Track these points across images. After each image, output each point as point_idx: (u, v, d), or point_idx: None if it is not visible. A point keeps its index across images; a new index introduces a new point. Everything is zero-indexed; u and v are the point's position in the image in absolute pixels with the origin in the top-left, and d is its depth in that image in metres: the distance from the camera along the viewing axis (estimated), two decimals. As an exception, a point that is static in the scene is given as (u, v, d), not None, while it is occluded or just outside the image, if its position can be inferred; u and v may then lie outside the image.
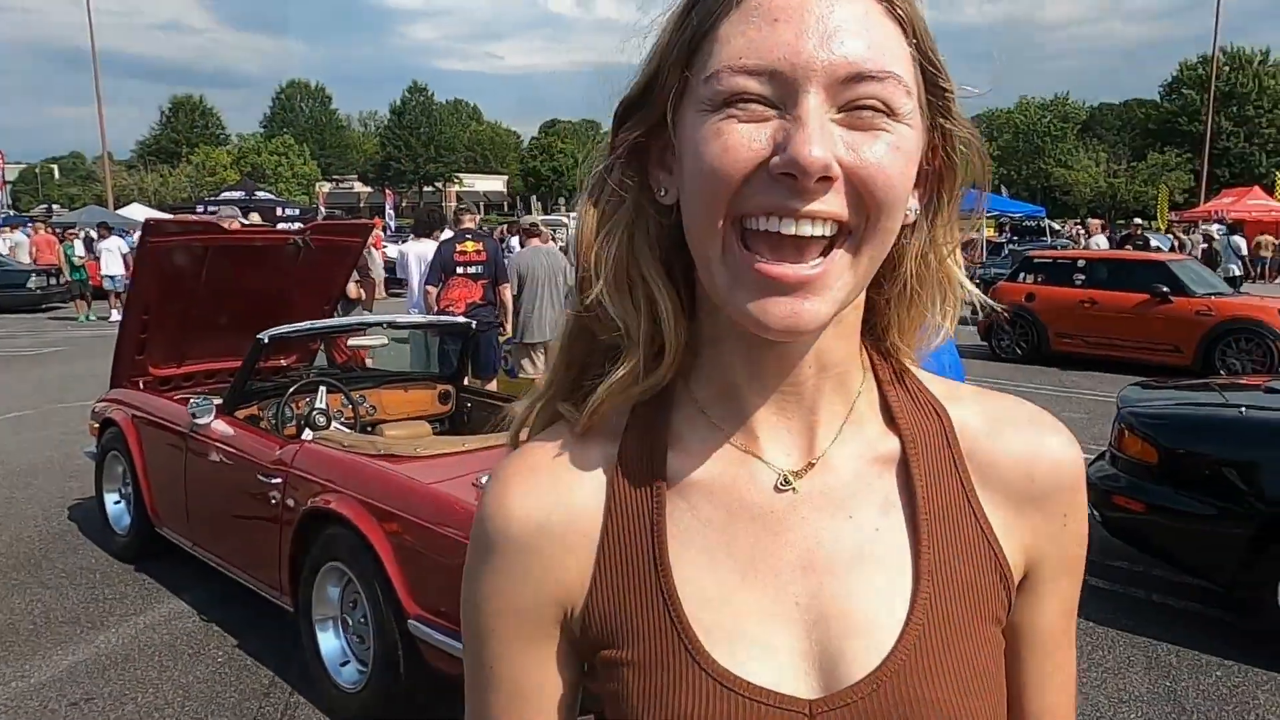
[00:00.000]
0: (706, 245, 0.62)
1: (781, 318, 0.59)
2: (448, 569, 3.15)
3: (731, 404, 0.69)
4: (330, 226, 6.10)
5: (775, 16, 0.58)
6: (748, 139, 0.58)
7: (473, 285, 7.31)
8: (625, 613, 0.66)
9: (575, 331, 0.72)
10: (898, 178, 0.59)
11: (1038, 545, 0.70)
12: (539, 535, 0.68)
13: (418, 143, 73.41)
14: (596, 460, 0.70)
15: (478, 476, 3.35)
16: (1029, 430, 0.71)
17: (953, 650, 0.64)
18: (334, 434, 4.05)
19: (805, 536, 0.67)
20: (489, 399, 5.49)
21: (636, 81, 0.66)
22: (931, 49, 0.63)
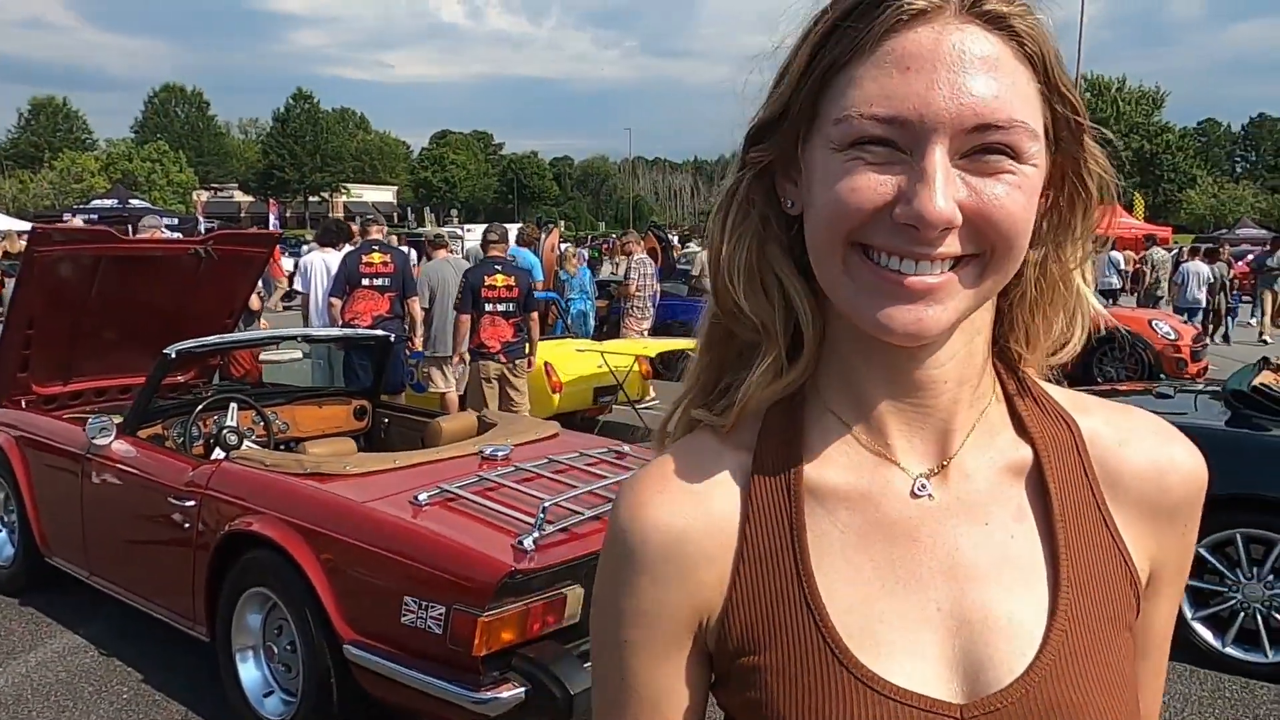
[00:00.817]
0: (829, 261, 0.64)
1: (906, 324, 0.61)
2: (385, 591, 3.03)
3: (864, 410, 0.70)
4: (235, 236, 5.84)
5: (907, 65, 0.59)
6: (875, 183, 0.60)
7: (379, 298, 7.12)
8: (767, 619, 0.67)
9: (713, 333, 0.74)
10: (1019, 215, 0.61)
11: (1161, 552, 0.72)
12: (679, 544, 0.68)
13: (303, 151, 71.30)
14: (733, 467, 0.71)
15: (415, 494, 3.25)
16: (1158, 441, 0.73)
17: (1094, 655, 0.65)
18: (253, 453, 3.86)
19: (944, 542, 0.68)
20: (409, 414, 5.35)
21: (769, 108, 0.67)
22: (1063, 83, 0.64)
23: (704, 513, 0.69)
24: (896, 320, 0.61)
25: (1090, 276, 0.72)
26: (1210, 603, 4.14)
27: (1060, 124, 0.65)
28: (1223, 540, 4.09)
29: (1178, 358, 10.72)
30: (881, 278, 0.61)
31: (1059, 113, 0.64)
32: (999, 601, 0.66)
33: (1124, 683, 0.67)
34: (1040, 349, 0.73)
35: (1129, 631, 0.69)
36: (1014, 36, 0.61)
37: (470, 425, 4.41)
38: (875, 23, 0.60)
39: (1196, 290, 15.38)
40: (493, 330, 6.76)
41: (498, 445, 3.82)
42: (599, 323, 12.02)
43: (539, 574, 2.88)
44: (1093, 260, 0.73)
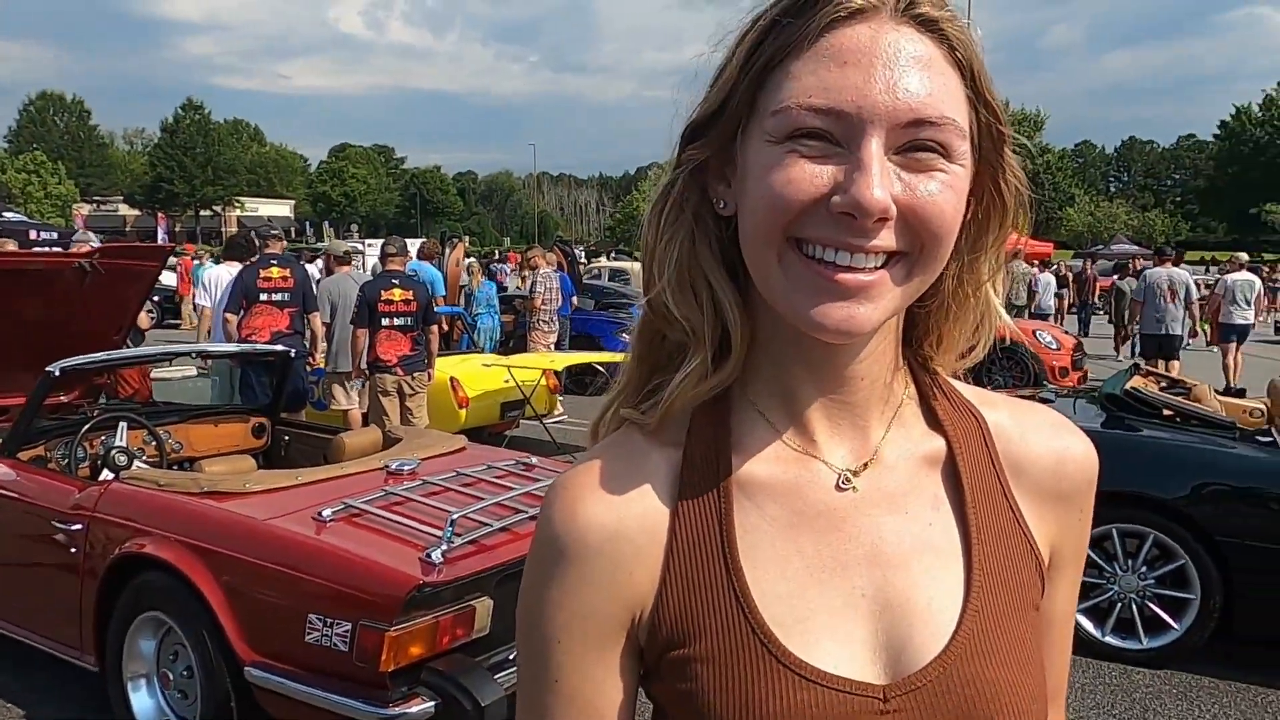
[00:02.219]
0: (764, 257, 0.65)
1: (838, 320, 0.63)
2: (288, 610, 2.97)
3: (789, 407, 0.72)
4: (123, 250, 5.62)
5: (845, 59, 0.61)
6: (811, 174, 0.62)
7: (278, 313, 6.92)
8: (697, 612, 0.68)
9: (645, 334, 0.75)
10: (950, 213, 0.64)
11: (1059, 535, 0.77)
12: (612, 542, 0.69)
13: (193, 164, 68.64)
14: (662, 465, 0.72)
15: (318, 510, 3.19)
16: (1055, 432, 0.78)
17: (1005, 634, 0.69)
18: (145, 473, 3.71)
19: (867, 531, 0.71)
20: (310, 431, 5.22)
21: (706, 105, 0.68)
22: (988, 91, 0.67)
23: (635, 510, 0.70)
24: (830, 317, 0.63)
25: (1000, 288, 0.75)
26: (1090, 595, 4.38)
27: (984, 132, 0.67)
28: (1100, 535, 4.34)
29: (1059, 366, 11.31)
30: (816, 273, 0.63)
31: (984, 120, 0.66)
32: (919, 586, 0.69)
33: (1032, 658, 0.71)
34: (950, 353, 0.77)
35: (1035, 610, 0.73)
36: (945, 40, 0.64)
37: (375, 440, 4.34)
38: (813, 19, 0.62)
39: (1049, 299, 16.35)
40: (389, 345, 6.71)
41: (404, 459, 3.78)
42: (505, 337, 11.95)
43: (447, 587, 2.86)
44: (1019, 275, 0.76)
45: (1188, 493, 4.18)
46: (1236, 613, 4.12)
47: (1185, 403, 4.72)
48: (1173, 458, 4.34)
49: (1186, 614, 4.19)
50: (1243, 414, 5.16)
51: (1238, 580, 4.09)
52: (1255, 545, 4.06)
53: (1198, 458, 4.29)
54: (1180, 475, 4.24)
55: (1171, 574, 4.22)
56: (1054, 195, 72.32)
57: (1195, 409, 4.60)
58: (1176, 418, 4.53)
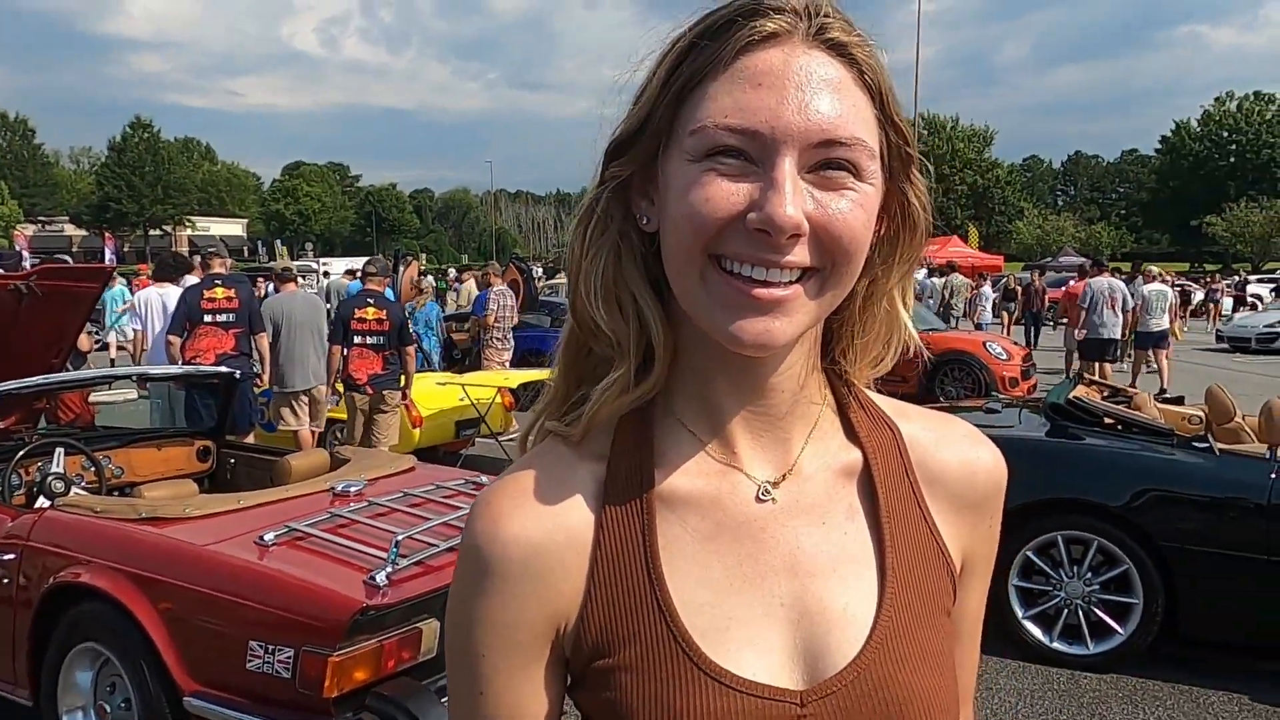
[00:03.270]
0: (685, 272, 0.67)
1: (756, 334, 0.65)
2: (228, 637, 2.90)
3: (711, 419, 0.74)
4: (61, 270, 5.49)
5: (759, 81, 0.64)
6: (728, 191, 0.64)
7: (223, 334, 6.81)
8: (621, 622, 0.70)
9: (571, 347, 0.76)
10: (860, 230, 0.66)
11: (971, 542, 0.80)
12: (536, 556, 0.70)
13: (142, 183, 67.37)
14: (586, 478, 0.74)
15: (260, 535, 3.13)
16: (967, 443, 0.81)
17: (917, 638, 0.72)
18: (81, 499, 3.62)
19: (786, 541, 0.73)
20: (255, 453, 5.13)
21: (627, 123, 0.70)
22: (897, 114, 0.69)
23: (560, 524, 0.71)
24: (747, 331, 0.65)
25: (909, 302, 0.78)
26: (1038, 601, 4.45)
27: (893, 152, 0.70)
28: (1046, 543, 4.42)
29: (1009, 376, 11.51)
30: (734, 289, 0.65)
31: (893, 141, 0.69)
32: (835, 594, 0.72)
33: (945, 662, 0.73)
34: (862, 364, 0.79)
35: (947, 615, 0.76)
36: (854, 64, 0.66)
37: (322, 462, 4.28)
38: (730, 41, 0.65)
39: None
40: (360, 363, 6.81)
41: (350, 481, 3.73)
42: (461, 355, 11.87)
43: (393, 609, 2.82)
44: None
45: (1129, 499, 4.27)
46: (1180, 616, 4.21)
47: (1126, 411, 4.83)
48: (1114, 465, 4.44)
49: (1131, 619, 4.27)
50: (1182, 421, 5.29)
51: (1180, 584, 4.18)
52: (1195, 549, 4.15)
53: (1138, 465, 4.39)
54: (1121, 482, 4.33)
55: (1115, 579, 4.30)
56: (1003, 209, 73.91)
57: (1135, 417, 4.70)
58: (1118, 426, 4.63)
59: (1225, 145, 69.36)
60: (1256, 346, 18.86)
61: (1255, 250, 54.14)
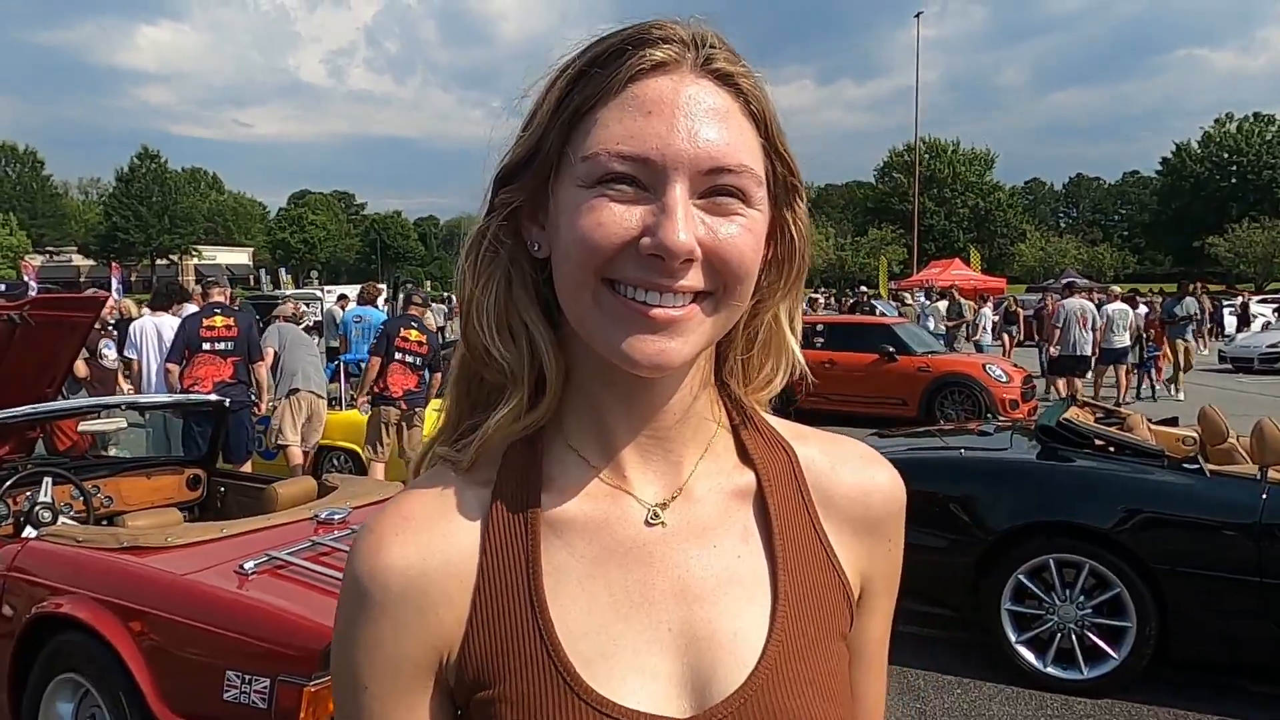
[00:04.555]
0: (578, 296, 0.67)
1: (651, 354, 0.65)
2: (206, 667, 2.88)
3: (603, 444, 0.74)
4: (55, 301, 5.52)
5: (649, 109, 0.65)
6: (620, 217, 0.64)
7: (221, 363, 6.84)
8: (502, 652, 0.68)
9: (463, 375, 0.76)
10: (749, 254, 0.67)
11: (870, 566, 0.79)
12: (418, 584, 0.69)
13: (149, 213, 67.89)
14: (472, 504, 0.73)
15: (241, 563, 3.12)
16: (863, 465, 0.80)
17: (809, 664, 0.71)
18: (65, 529, 3.62)
19: (676, 565, 0.72)
20: (246, 481, 5.13)
21: (517, 150, 0.71)
22: (781, 143, 0.71)
23: (442, 550, 0.70)
24: (643, 352, 0.65)
25: (797, 326, 0.78)
26: (1031, 626, 4.41)
27: (778, 181, 0.71)
28: (1038, 566, 4.39)
29: (1009, 399, 11.48)
30: (629, 308, 0.65)
31: (778, 170, 0.71)
32: (725, 619, 0.71)
33: (838, 689, 0.72)
34: (754, 386, 0.79)
35: (843, 641, 0.75)
36: (740, 94, 0.68)
37: (309, 490, 4.27)
38: (620, 69, 0.65)
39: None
40: (398, 378, 7.17)
41: (334, 508, 3.72)
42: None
43: (370, 638, 2.80)
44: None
45: (1120, 521, 4.24)
46: (1172, 638, 4.17)
47: (1115, 432, 4.80)
48: (1104, 487, 4.41)
49: (1124, 642, 4.23)
50: (1175, 442, 5.26)
51: (1172, 607, 4.14)
52: (1186, 571, 4.12)
53: (1128, 487, 4.36)
54: (1112, 504, 4.30)
55: (1108, 603, 4.26)
56: (1005, 232, 74.00)
57: (1126, 439, 4.68)
58: (1109, 447, 4.60)
59: (1226, 166, 69.47)
60: (1259, 367, 18.77)
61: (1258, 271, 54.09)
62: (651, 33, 0.67)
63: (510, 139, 0.72)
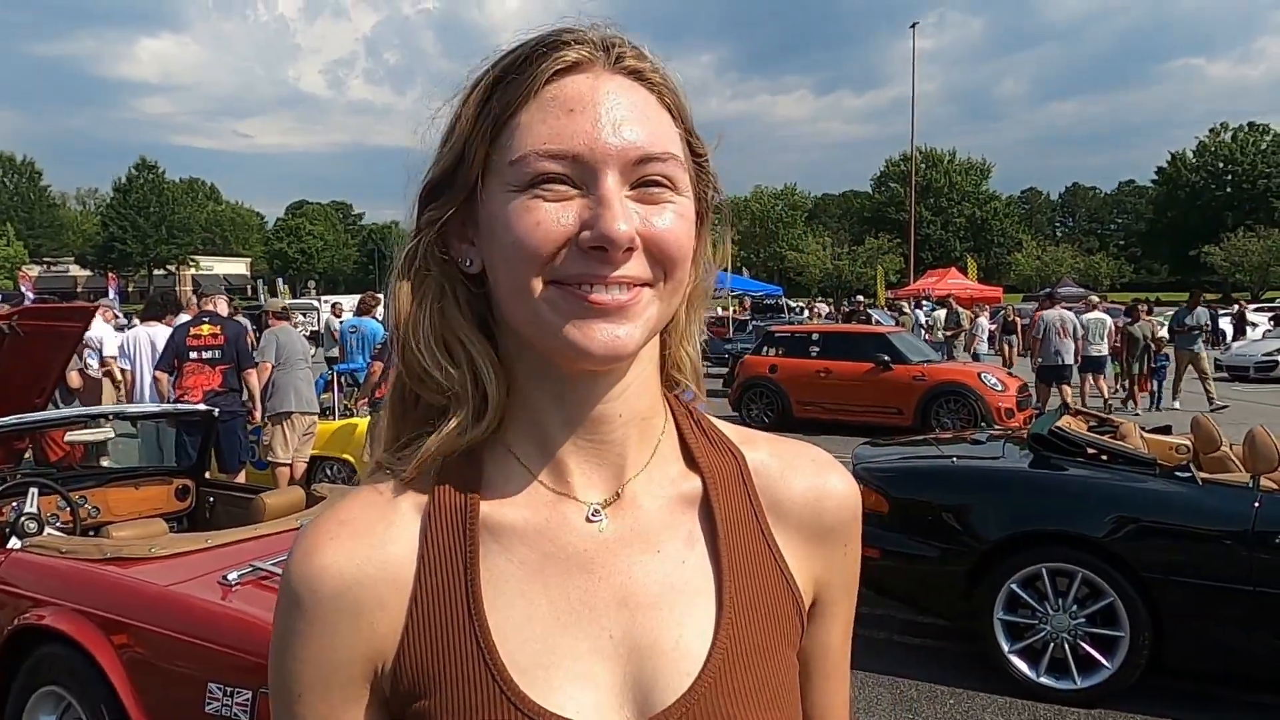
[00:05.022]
0: (523, 300, 0.67)
1: (605, 342, 0.65)
2: (188, 679, 2.85)
3: (545, 450, 0.72)
4: (44, 310, 5.51)
5: (570, 107, 0.66)
6: (556, 216, 0.65)
7: (210, 371, 6.81)
8: (439, 661, 0.67)
9: (399, 394, 0.75)
10: (685, 239, 0.68)
11: (825, 573, 0.77)
12: (351, 590, 0.68)
13: (147, 223, 67.96)
14: (409, 510, 0.71)
15: (224, 574, 3.09)
16: (815, 470, 0.78)
17: (754, 672, 0.69)
18: (49, 540, 3.59)
19: (618, 572, 0.70)
20: (235, 491, 5.10)
21: (441, 164, 0.70)
22: (694, 131, 0.72)
23: (377, 557, 0.69)
24: (595, 340, 0.65)
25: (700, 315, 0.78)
26: (1024, 635, 4.38)
27: (696, 167, 0.72)
28: (1031, 575, 4.36)
29: (1004, 407, 11.47)
30: (576, 300, 0.65)
31: (695, 155, 0.72)
32: (668, 627, 0.69)
33: (786, 696, 0.71)
34: (686, 375, 0.78)
35: (792, 649, 0.73)
36: (654, 88, 0.69)
37: (297, 500, 4.24)
38: (536, 72, 0.66)
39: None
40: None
41: (321, 518, 3.69)
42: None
43: (353, 649, 2.77)
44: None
45: (1112, 530, 4.22)
46: (1165, 648, 4.14)
47: (1107, 440, 4.79)
48: (1096, 495, 4.39)
49: (1118, 652, 4.20)
50: (1168, 451, 5.24)
51: (1165, 615, 4.12)
52: (1178, 580, 4.10)
53: (1120, 495, 4.34)
54: (1104, 513, 4.28)
55: (1101, 612, 4.23)
56: (1002, 241, 74.14)
57: (1118, 447, 4.66)
58: (1101, 456, 4.59)
59: (1221, 176, 69.74)
60: (1255, 375, 18.80)
61: (1254, 280, 54.24)
62: (563, 36, 0.68)
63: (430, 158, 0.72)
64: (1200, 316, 14.30)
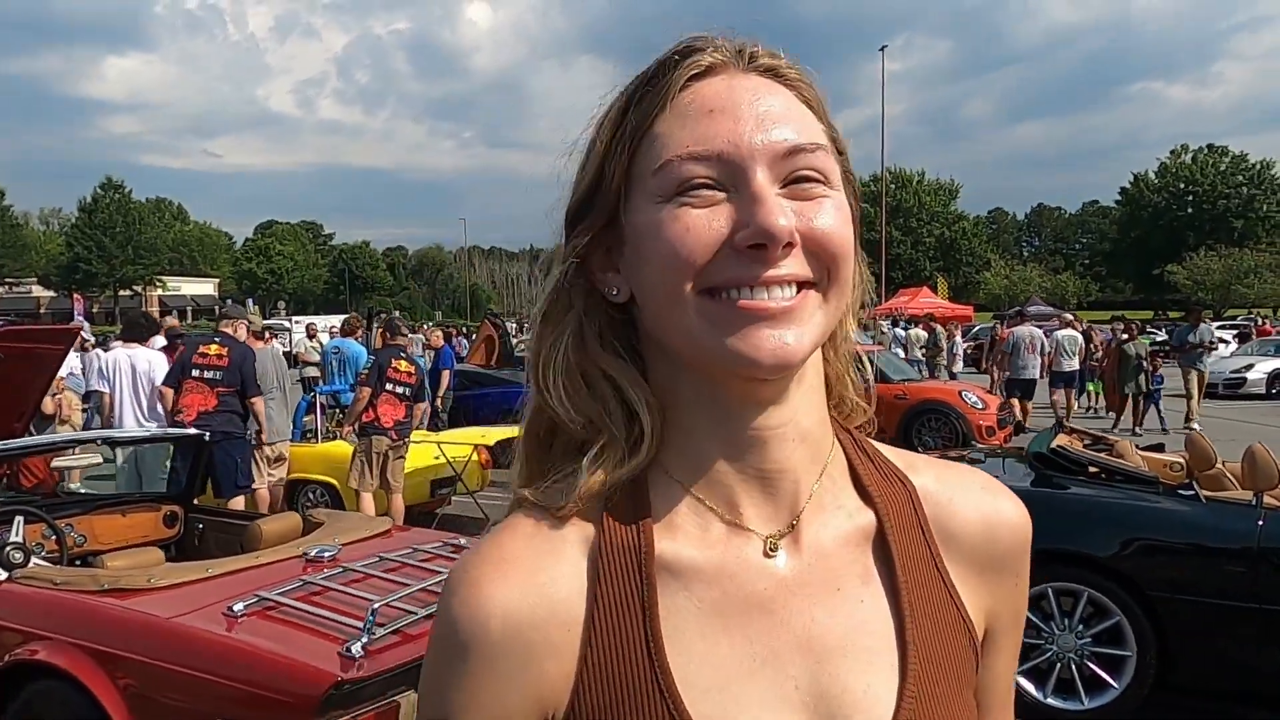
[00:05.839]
0: (677, 317, 0.63)
1: (773, 350, 0.61)
2: (195, 715, 2.77)
3: (708, 476, 0.68)
4: (24, 333, 5.36)
5: (710, 108, 0.63)
6: (707, 220, 0.62)
7: (208, 392, 6.62)
8: (617, 708, 0.63)
9: (537, 427, 0.71)
10: (846, 233, 0.65)
11: (996, 604, 0.73)
12: (521, 633, 0.64)
13: (112, 243, 66.99)
14: (575, 545, 0.67)
15: (229, 605, 3.00)
16: (986, 495, 0.74)
17: (944, 718, 0.66)
18: (41, 571, 3.47)
19: (800, 613, 0.67)
20: (225, 518, 4.97)
21: (581, 188, 0.69)
22: (835, 127, 0.69)
23: (547, 597, 0.65)
24: (763, 349, 0.61)
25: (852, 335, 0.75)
26: (1030, 656, 4.36)
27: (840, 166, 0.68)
28: (1036, 595, 4.34)
29: (985, 425, 11.54)
30: (737, 308, 0.61)
31: (838, 154, 0.68)
32: (855, 674, 0.65)
33: None
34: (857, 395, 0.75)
35: (971, 691, 0.70)
36: (791, 85, 0.67)
37: (294, 526, 4.14)
38: (671, 79, 0.64)
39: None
40: (388, 408, 7.11)
41: (323, 545, 3.60)
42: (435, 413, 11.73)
43: (369, 682, 2.69)
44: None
45: (1117, 549, 4.22)
46: (1172, 666, 4.14)
47: (1110, 459, 4.80)
48: (1101, 514, 4.39)
49: (1124, 671, 4.19)
50: (1163, 468, 5.28)
51: (1171, 634, 4.12)
52: (1185, 599, 4.10)
53: (1125, 514, 4.35)
54: (1109, 531, 4.28)
55: (1108, 631, 4.23)
56: (971, 260, 75.10)
57: (1120, 465, 4.67)
58: (1102, 474, 4.60)
59: (1183, 196, 71.14)
60: (1224, 392, 19.07)
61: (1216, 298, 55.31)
62: (694, 43, 0.66)
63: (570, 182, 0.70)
64: (1204, 334, 14.01)
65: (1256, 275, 53.14)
